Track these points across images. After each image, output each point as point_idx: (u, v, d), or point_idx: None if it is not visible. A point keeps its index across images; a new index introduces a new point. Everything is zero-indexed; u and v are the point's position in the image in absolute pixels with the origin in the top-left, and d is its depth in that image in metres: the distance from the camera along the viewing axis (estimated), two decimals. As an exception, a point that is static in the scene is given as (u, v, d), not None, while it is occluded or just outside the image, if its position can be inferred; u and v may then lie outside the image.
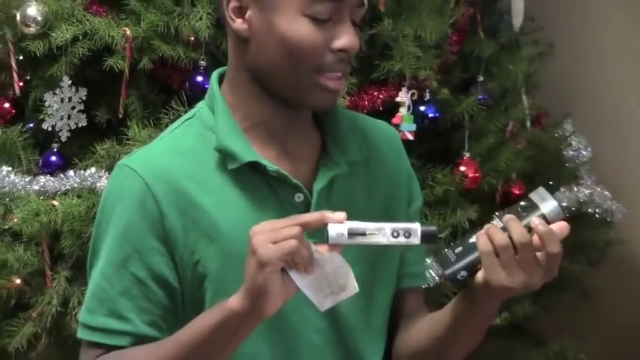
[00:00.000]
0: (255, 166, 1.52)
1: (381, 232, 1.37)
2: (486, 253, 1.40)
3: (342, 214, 1.36)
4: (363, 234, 1.36)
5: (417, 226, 1.37)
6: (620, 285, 2.80)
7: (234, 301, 1.37)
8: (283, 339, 1.54)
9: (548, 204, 1.42)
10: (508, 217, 1.41)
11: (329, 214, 1.36)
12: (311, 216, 1.37)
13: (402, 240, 1.37)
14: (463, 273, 1.43)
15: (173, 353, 1.44)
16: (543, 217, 1.42)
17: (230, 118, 1.54)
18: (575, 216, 2.55)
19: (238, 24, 1.50)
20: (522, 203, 1.44)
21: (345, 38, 1.47)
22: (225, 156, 1.52)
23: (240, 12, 1.50)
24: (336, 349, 1.57)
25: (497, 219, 1.43)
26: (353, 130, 1.61)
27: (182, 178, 1.51)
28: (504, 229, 1.40)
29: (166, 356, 1.45)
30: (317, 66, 1.47)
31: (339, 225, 1.36)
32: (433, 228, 1.38)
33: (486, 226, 1.42)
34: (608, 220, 2.63)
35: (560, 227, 1.41)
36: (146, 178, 1.50)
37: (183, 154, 1.54)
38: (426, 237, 1.37)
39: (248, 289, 1.35)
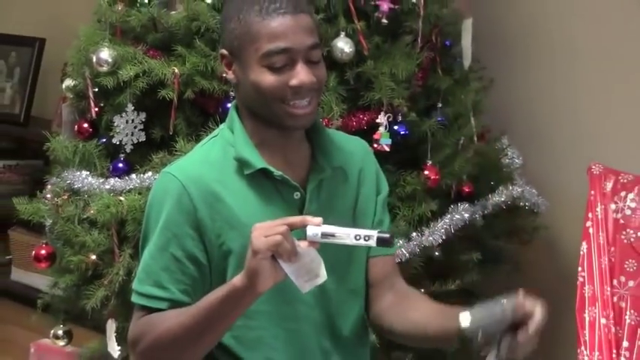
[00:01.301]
0: (264, 172, 1.51)
1: (347, 235, 1.35)
2: None
3: (318, 219, 1.36)
4: (333, 235, 1.35)
5: (374, 233, 1.35)
6: (543, 260, 2.78)
7: (237, 279, 1.37)
8: (285, 303, 1.52)
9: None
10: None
11: (309, 219, 1.36)
12: (296, 219, 1.36)
13: (362, 242, 1.35)
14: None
15: (192, 316, 1.43)
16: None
17: (245, 135, 1.54)
18: (511, 208, 2.53)
19: (229, 74, 1.53)
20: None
21: (297, 77, 1.47)
22: (242, 164, 1.51)
23: (229, 66, 1.53)
24: (322, 309, 1.57)
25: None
26: (334, 143, 1.60)
27: (210, 181, 1.50)
28: None
29: (189, 319, 1.43)
30: (281, 99, 1.47)
31: (316, 227, 1.35)
32: (387, 235, 1.35)
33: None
34: (535, 211, 2.61)
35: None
36: (183, 182, 1.49)
37: (211, 163, 1.53)
38: (380, 241, 1.35)
39: (246, 270, 1.35)
